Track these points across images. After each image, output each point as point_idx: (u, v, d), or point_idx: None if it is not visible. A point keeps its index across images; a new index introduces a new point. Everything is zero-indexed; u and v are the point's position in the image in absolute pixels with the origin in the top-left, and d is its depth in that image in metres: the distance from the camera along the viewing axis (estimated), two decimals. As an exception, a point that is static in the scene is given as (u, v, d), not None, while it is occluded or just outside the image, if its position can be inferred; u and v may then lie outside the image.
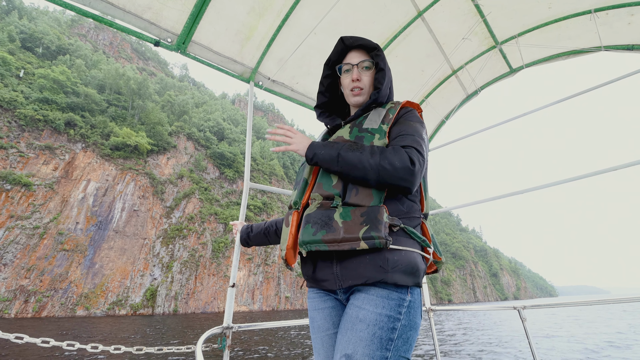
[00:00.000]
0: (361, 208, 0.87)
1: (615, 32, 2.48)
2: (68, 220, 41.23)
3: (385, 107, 1.08)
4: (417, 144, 0.92)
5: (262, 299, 56.25)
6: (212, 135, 72.12)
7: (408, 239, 0.89)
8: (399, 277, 0.84)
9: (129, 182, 49.22)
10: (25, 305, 34.67)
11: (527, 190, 2.20)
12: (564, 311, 37.97)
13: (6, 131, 40.66)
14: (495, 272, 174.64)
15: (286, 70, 2.47)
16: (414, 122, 1.00)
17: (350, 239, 0.84)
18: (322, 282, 0.95)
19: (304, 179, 1.05)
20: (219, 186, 64.41)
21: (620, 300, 1.69)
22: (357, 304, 0.86)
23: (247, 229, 1.50)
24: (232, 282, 1.71)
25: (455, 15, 2.55)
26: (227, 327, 1.61)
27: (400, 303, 0.84)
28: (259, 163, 79.86)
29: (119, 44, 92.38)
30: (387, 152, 0.88)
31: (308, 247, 0.90)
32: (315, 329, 1.04)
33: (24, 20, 58.11)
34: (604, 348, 12.26)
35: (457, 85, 3.25)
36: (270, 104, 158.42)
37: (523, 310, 2.11)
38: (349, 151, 0.92)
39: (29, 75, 49.03)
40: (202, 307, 48.09)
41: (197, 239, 52.98)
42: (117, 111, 57.27)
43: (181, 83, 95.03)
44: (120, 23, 1.72)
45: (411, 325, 0.85)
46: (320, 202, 0.95)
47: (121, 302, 41.69)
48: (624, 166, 1.89)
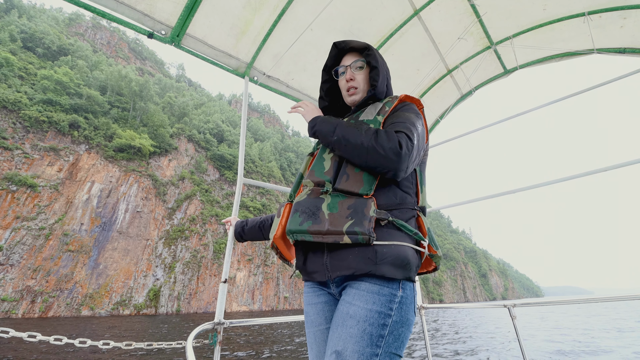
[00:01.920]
0: (349, 199, 0.89)
1: (608, 35, 2.51)
2: (73, 222, 41.66)
3: (383, 101, 1.10)
4: (408, 130, 0.92)
5: (261, 299, 57.37)
6: (212, 137, 72.87)
7: (398, 232, 0.88)
8: (387, 269, 0.82)
9: (132, 184, 49.78)
10: (32, 306, 35.09)
11: (516, 191, 2.26)
12: (552, 309, 40.31)
13: (11, 132, 40.86)
14: (484, 273, 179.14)
15: (282, 65, 2.46)
16: (409, 113, 1.01)
17: (334, 232, 0.85)
18: (312, 274, 0.96)
19: (299, 173, 1.09)
20: (219, 188, 65.27)
21: (605, 299, 1.73)
22: (348, 299, 0.86)
23: (242, 223, 1.50)
24: (224, 278, 1.71)
25: (451, 15, 2.57)
26: (219, 322, 1.60)
27: (392, 299, 0.83)
28: (258, 165, 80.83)
29: (117, 43, 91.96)
30: (380, 133, 0.89)
31: (294, 237, 0.92)
32: (308, 323, 1.03)
33: (23, 19, 57.88)
34: (587, 345, 12.84)
35: (452, 84, 3.27)
36: (266, 105, 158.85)
37: (513, 308, 2.15)
38: (346, 126, 0.95)
39: (31, 76, 49.10)
40: (204, 307, 48.98)
41: (198, 240, 53.81)
42: (119, 113, 57.63)
43: (179, 84, 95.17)
44: (113, 14, 1.70)
45: (403, 321, 0.83)
46: (311, 188, 0.98)
47: (125, 302, 42.30)
48: (610, 168, 1.91)
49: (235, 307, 53.01)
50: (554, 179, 2.10)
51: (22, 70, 48.28)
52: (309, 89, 2.70)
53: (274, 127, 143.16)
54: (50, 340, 1.36)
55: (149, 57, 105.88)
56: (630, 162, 1.86)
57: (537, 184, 2.21)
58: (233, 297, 53.52)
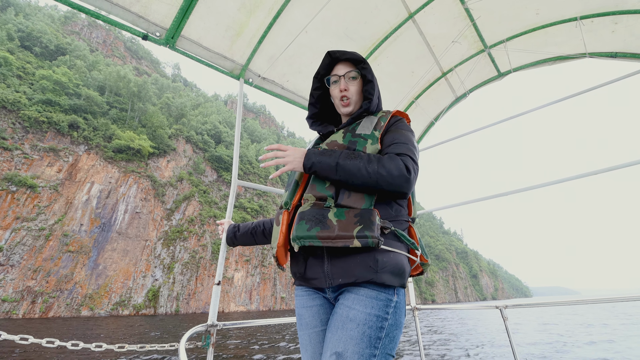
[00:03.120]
0: (354, 210, 0.91)
1: (599, 39, 2.52)
2: (73, 222, 41.79)
3: (377, 115, 1.13)
4: (411, 152, 0.97)
5: (259, 299, 58.08)
6: (210, 138, 73.25)
7: (397, 241, 0.94)
8: (387, 278, 0.88)
9: (131, 185, 50.01)
10: (32, 306, 35.21)
11: (508, 193, 2.28)
12: (542, 309, 41.92)
13: (11, 133, 40.81)
14: (475, 274, 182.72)
15: (277, 68, 2.47)
16: (405, 131, 1.05)
17: (344, 237, 0.86)
18: (311, 280, 0.98)
19: (295, 181, 1.09)
20: (217, 189, 65.75)
21: (597, 300, 1.74)
22: (347, 303, 0.89)
23: (234, 228, 1.48)
24: (218, 280, 1.71)
25: (445, 18, 2.59)
26: (212, 324, 1.61)
27: (388, 304, 0.88)
28: (255, 166, 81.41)
29: (112, 42, 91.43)
30: (384, 160, 0.92)
31: (301, 242, 0.92)
32: (303, 326, 1.06)
33: (20, 18, 57.48)
34: (579, 346, 12.89)
35: (447, 87, 3.30)
36: (262, 106, 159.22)
37: (505, 309, 2.16)
38: (347, 159, 0.94)
39: (29, 75, 48.92)
40: (202, 307, 49.47)
41: (197, 240, 54.26)
42: (118, 113, 57.69)
43: (175, 84, 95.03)
44: (107, 15, 1.70)
45: (397, 324, 0.89)
46: (313, 202, 0.99)
47: (124, 302, 42.57)
48: (599, 172, 1.93)
49: (233, 307, 53.62)
50: (544, 182, 2.13)
51: (20, 70, 48.10)
52: (304, 91, 2.71)
53: (269, 127, 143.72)
54: (42, 342, 1.34)
55: (144, 57, 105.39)
56: (617, 167, 1.87)
57: (528, 186, 2.24)
58: (231, 297, 54.09)
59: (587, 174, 1.96)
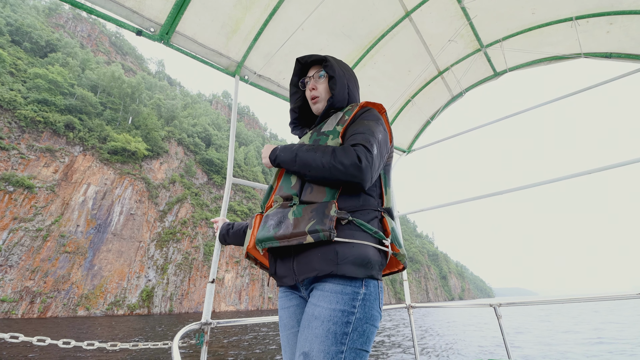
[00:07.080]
0: (313, 205, 0.93)
1: (594, 39, 2.53)
2: (69, 223, 42.22)
3: (344, 110, 1.13)
4: (367, 142, 0.94)
5: (248, 299, 60.43)
6: (200, 141, 74.34)
7: (359, 231, 0.92)
8: (348, 269, 0.85)
9: (127, 187, 50.71)
10: (31, 306, 35.69)
11: (484, 196, 2.35)
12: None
13: (7, 132, 40.63)
14: (444, 275, 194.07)
15: (273, 65, 2.44)
16: (368, 121, 1.03)
17: (297, 234, 0.87)
18: (283, 279, 0.99)
19: (269, 186, 1.14)
20: (207, 191, 67.17)
21: (591, 299, 1.77)
22: (314, 301, 0.89)
23: (227, 226, 1.46)
24: (212, 278, 1.70)
25: (442, 17, 2.59)
26: (205, 323, 1.60)
27: (354, 297, 0.85)
28: (243, 169, 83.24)
29: (97, 36, 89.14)
30: (337, 151, 0.92)
31: (262, 245, 0.95)
32: (282, 327, 1.06)
33: (7, 11, 55.98)
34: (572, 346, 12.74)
35: (443, 86, 3.30)
36: (246, 107, 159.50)
37: (499, 307, 2.18)
38: (305, 152, 0.98)
39: (21, 72, 48.26)
40: (194, 307, 51.16)
41: (190, 242, 55.73)
42: (111, 114, 57.75)
43: (162, 82, 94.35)
44: (101, 10, 1.65)
45: (367, 318, 0.86)
46: (280, 203, 1.02)
47: (119, 302, 43.53)
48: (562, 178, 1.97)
49: (224, 307, 55.66)
50: (513, 187, 2.15)
51: (12, 67, 47.41)
52: None
53: (254, 130, 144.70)
54: (33, 341, 1.33)
55: (129, 53, 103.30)
56: (583, 173, 1.88)
57: (502, 190, 2.27)
58: (221, 297, 56.06)
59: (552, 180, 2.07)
